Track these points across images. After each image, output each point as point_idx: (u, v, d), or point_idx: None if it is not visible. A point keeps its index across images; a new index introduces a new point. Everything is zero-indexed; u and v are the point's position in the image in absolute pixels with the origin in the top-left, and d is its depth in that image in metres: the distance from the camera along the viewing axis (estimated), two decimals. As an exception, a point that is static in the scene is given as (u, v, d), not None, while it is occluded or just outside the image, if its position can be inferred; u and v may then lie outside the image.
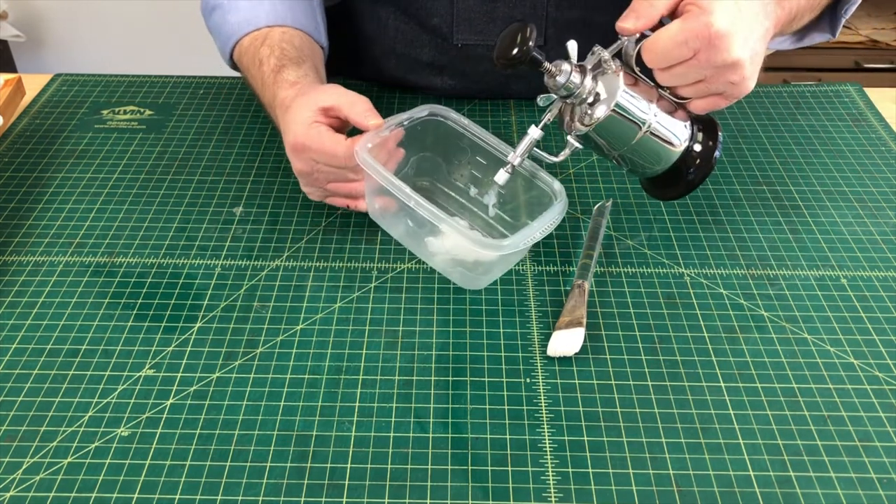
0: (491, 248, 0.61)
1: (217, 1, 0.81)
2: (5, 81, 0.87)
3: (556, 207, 0.63)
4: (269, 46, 0.75)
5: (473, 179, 0.71)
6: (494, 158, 0.68)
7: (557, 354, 0.60)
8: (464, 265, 0.65)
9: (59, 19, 2.06)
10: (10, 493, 0.51)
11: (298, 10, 0.80)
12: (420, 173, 0.73)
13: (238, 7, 0.79)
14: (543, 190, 0.66)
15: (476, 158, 0.70)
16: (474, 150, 0.70)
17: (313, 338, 0.62)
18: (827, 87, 0.93)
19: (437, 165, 0.73)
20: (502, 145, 0.68)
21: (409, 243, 0.69)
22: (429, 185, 0.74)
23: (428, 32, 0.86)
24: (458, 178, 0.72)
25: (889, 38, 1.88)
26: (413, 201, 0.61)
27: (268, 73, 0.73)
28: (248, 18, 0.78)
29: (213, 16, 0.81)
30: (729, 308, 0.64)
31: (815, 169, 0.80)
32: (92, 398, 0.57)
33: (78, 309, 0.64)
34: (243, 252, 0.70)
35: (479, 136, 0.69)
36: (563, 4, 0.83)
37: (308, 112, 0.66)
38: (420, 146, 0.71)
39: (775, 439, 0.54)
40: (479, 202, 0.71)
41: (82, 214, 0.74)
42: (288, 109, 0.68)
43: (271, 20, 0.78)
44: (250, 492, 0.51)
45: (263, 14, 0.78)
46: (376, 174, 0.62)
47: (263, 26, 0.77)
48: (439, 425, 0.55)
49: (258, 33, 0.77)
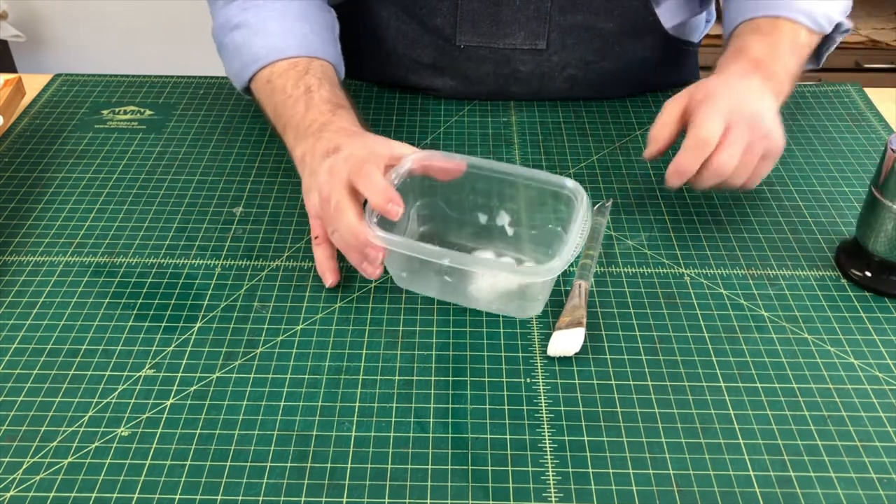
0: (542, 275, 0.58)
1: (241, 20, 0.77)
2: (5, 81, 0.87)
3: (581, 207, 0.61)
4: (316, 77, 0.73)
5: (478, 207, 0.67)
6: (492, 180, 0.65)
7: (557, 354, 0.60)
8: (512, 298, 0.62)
9: (59, 19, 2.06)
10: (10, 493, 0.51)
11: (328, 42, 0.79)
12: (424, 221, 0.69)
13: (268, 31, 0.76)
14: (557, 192, 0.63)
15: (476, 186, 0.66)
16: (471, 180, 0.65)
17: (313, 338, 0.62)
18: (827, 87, 0.93)
19: (439, 208, 0.68)
20: (495, 164, 0.65)
21: (448, 297, 0.64)
22: (436, 230, 0.69)
23: (430, 33, 0.86)
24: (464, 212, 0.68)
25: (889, 38, 1.88)
26: (447, 258, 0.58)
27: (319, 101, 0.70)
28: (280, 46, 0.75)
29: (234, 35, 0.78)
30: (729, 308, 0.64)
31: (814, 169, 0.80)
32: (92, 398, 0.57)
33: (78, 309, 0.64)
34: (243, 252, 0.70)
35: (470, 164, 0.65)
36: (567, 8, 0.83)
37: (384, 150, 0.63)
38: (415, 195, 0.67)
39: (775, 439, 0.54)
40: (494, 226, 0.68)
41: (82, 214, 0.74)
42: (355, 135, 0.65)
43: (304, 51, 0.75)
44: (250, 492, 0.51)
45: (296, 43, 0.76)
46: (397, 246, 0.59)
47: (296, 56, 0.75)
48: (439, 425, 0.55)
49: (297, 60, 0.75)
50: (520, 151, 0.82)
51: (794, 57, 0.73)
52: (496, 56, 0.86)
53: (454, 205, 0.68)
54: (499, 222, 0.67)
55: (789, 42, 0.73)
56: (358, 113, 0.72)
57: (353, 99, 0.74)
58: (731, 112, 0.64)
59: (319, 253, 0.65)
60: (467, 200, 0.67)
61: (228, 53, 0.79)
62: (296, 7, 0.78)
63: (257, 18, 0.77)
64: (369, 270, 0.61)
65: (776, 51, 0.72)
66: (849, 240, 0.69)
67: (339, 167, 0.61)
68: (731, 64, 0.71)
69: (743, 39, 0.73)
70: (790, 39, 0.73)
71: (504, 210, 0.66)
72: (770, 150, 0.67)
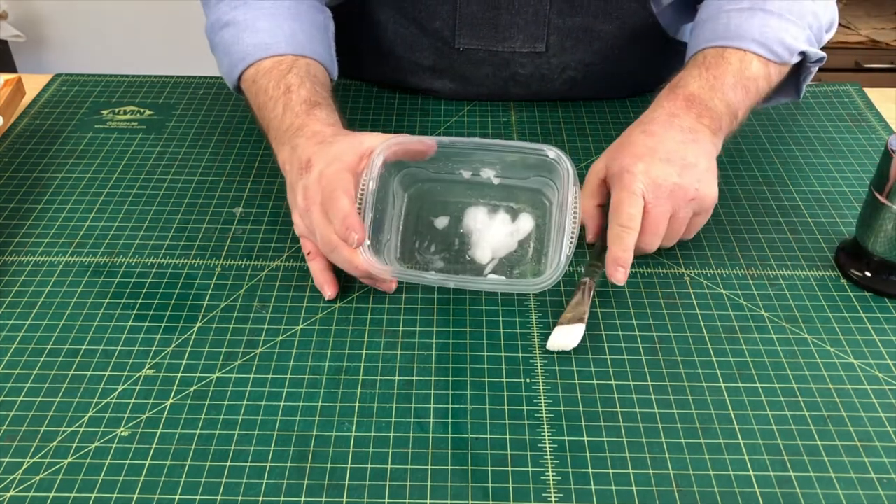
0: (537, 286, 0.59)
1: (231, 17, 0.77)
2: (5, 81, 0.87)
3: (569, 182, 0.61)
4: (297, 76, 0.72)
5: (460, 165, 0.67)
6: (472, 153, 0.66)
7: (556, 349, 0.60)
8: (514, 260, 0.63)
9: (59, 19, 2.06)
10: (10, 493, 0.51)
11: (317, 41, 0.78)
12: (408, 185, 0.69)
13: (257, 28, 0.76)
14: (541, 160, 0.64)
15: (452, 160, 0.67)
16: (447, 155, 0.66)
17: (313, 338, 0.62)
18: (827, 87, 0.93)
19: (421, 174, 0.68)
20: (471, 140, 0.66)
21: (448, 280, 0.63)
22: (422, 191, 0.69)
23: (428, 36, 0.86)
24: (446, 174, 0.68)
25: (889, 38, 1.88)
26: (452, 283, 0.61)
27: (296, 101, 0.70)
28: (268, 43, 0.75)
29: (224, 33, 0.77)
30: (729, 308, 0.64)
31: (814, 169, 0.80)
32: (92, 398, 0.57)
33: (78, 309, 0.64)
34: (243, 252, 0.70)
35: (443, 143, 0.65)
36: (566, 11, 0.83)
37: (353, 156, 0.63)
38: (396, 168, 0.67)
39: (775, 439, 0.54)
40: (480, 179, 0.68)
41: (82, 214, 0.74)
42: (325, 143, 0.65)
43: (291, 48, 0.75)
44: (250, 492, 0.51)
45: (283, 40, 0.75)
46: (394, 274, 0.61)
47: (284, 54, 0.74)
48: (439, 425, 0.55)
49: (282, 58, 0.74)
50: (520, 151, 0.82)
51: (739, 90, 0.69)
52: (495, 59, 0.86)
53: (435, 170, 0.68)
54: (483, 175, 0.68)
55: (735, 74, 0.69)
56: (336, 106, 0.72)
57: (353, 101, 0.74)
58: (648, 187, 0.62)
59: (314, 266, 0.65)
60: (447, 166, 0.68)
61: (219, 52, 0.79)
62: (287, 5, 0.77)
63: (247, 16, 0.76)
64: (384, 287, 0.64)
65: (716, 83, 0.69)
66: (849, 240, 0.69)
67: (313, 191, 0.62)
68: (663, 101, 0.69)
69: (683, 73, 0.71)
70: (736, 71, 0.70)
71: (487, 167, 0.67)
72: (701, 207, 0.65)
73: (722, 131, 0.69)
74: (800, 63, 0.75)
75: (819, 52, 0.74)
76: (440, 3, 0.83)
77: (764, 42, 0.71)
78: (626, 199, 0.62)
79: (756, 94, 0.71)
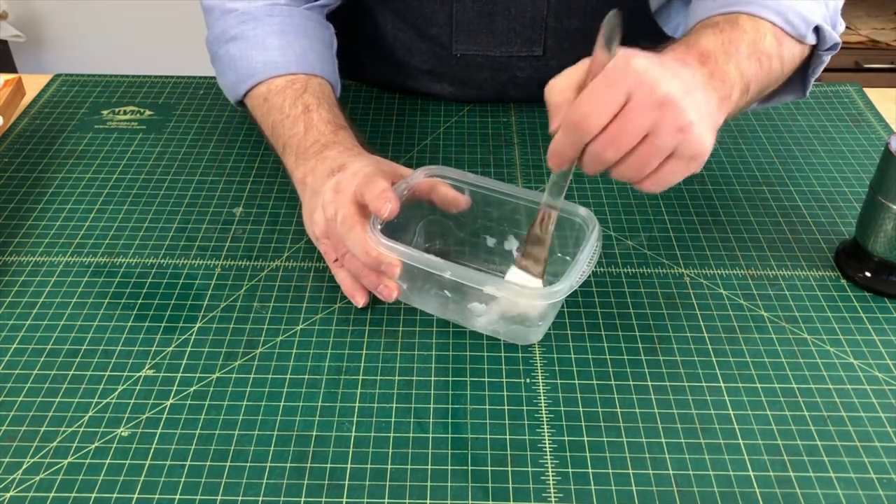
0: (544, 298, 0.57)
1: (238, 32, 0.76)
2: (5, 81, 0.87)
3: (592, 235, 0.59)
4: (314, 96, 0.72)
5: (486, 230, 0.66)
6: (502, 204, 0.64)
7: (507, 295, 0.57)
8: (513, 320, 0.60)
9: (59, 19, 2.06)
10: (10, 493, 0.51)
11: (325, 59, 0.78)
12: (430, 238, 0.68)
13: (266, 45, 0.75)
14: (570, 220, 0.61)
15: (484, 210, 0.65)
16: (480, 202, 0.65)
17: (313, 338, 0.62)
18: (827, 87, 0.93)
19: (446, 226, 0.67)
20: (506, 187, 0.64)
21: (448, 315, 0.63)
22: (442, 248, 0.68)
23: (426, 41, 0.86)
24: (471, 233, 0.67)
25: (889, 38, 1.88)
26: (448, 271, 0.57)
27: (319, 121, 0.70)
28: (278, 61, 0.74)
29: (230, 46, 0.76)
30: (729, 308, 0.64)
31: (814, 169, 0.80)
32: (92, 398, 0.57)
33: (78, 309, 0.64)
34: (243, 252, 0.70)
35: (481, 185, 0.64)
36: (563, 15, 0.82)
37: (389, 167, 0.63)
38: (423, 210, 0.66)
39: (775, 439, 0.54)
40: (502, 251, 0.66)
41: (82, 214, 0.74)
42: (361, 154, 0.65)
43: (302, 67, 0.75)
44: (250, 492, 0.51)
45: (294, 59, 0.75)
46: (400, 254, 0.58)
47: (295, 73, 0.74)
48: (439, 425, 0.55)
49: (295, 77, 0.74)
50: (520, 152, 0.82)
51: (753, 61, 0.60)
52: (494, 63, 0.86)
53: (462, 224, 0.67)
54: (507, 247, 0.66)
55: (750, 42, 0.61)
56: (358, 132, 0.72)
57: (353, 101, 0.74)
58: (635, 85, 0.50)
59: (342, 275, 0.64)
60: (475, 222, 0.66)
61: (223, 65, 0.78)
62: (295, 22, 0.77)
63: (256, 32, 0.76)
64: (385, 293, 0.61)
65: (730, 48, 0.59)
66: (848, 240, 0.69)
67: (346, 184, 0.61)
68: (674, 50, 0.58)
69: (694, 34, 0.61)
70: (751, 39, 0.61)
71: (512, 235, 0.66)
72: (684, 148, 0.52)
73: (730, 102, 0.58)
74: (809, 55, 0.70)
75: (835, 35, 0.67)
76: (437, 9, 0.83)
77: (778, 10, 0.63)
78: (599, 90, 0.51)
79: (768, 73, 0.63)
